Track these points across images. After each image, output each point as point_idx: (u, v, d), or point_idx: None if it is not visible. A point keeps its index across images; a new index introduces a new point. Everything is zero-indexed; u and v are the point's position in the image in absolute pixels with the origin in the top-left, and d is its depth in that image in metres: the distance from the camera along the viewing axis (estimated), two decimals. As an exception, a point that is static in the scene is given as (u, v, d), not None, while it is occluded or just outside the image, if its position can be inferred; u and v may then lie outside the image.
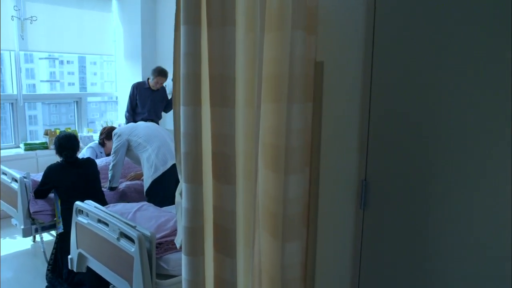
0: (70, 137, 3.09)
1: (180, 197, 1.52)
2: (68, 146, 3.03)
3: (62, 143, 3.03)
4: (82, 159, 3.14)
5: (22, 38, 3.79)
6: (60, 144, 3.04)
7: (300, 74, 1.51)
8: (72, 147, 3.06)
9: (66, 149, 3.02)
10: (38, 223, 3.18)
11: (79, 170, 3.04)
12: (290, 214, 1.56)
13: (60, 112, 5.69)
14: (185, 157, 1.38)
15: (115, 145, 3.36)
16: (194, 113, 1.35)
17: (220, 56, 1.35)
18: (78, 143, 3.14)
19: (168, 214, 2.50)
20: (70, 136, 3.10)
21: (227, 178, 1.39)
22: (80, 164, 3.08)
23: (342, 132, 1.59)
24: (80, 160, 3.12)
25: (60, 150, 3.05)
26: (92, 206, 2.45)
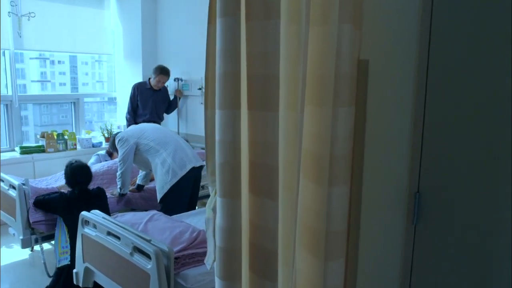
0: (84, 169, 2.89)
1: (212, 213, 1.35)
2: (82, 180, 2.85)
3: (76, 174, 2.83)
4: (94, 190, 2.91)
5: (19, 36, 3.58)
6: (74, 175, 2.83)
7: (346, 74, 1.35)
8: (86, 181, 2.88)
9: (80, 183, 2.83)
10: (38, 233, 2.97)
11: (89, 202, 2.82)
12: (333, 230, 1.39)
13: (51, 112, 5.49)
14: (221, 168, 1.21)
15: (122, 151, 3.14)
16: (233, 118, 1.18)
17: (262, 53, 1.18)
18: (91, 174, 2.94)
19: (182, 225, 2.32)
20: (83, 167, 2.90)
21: (268, 191, 1.22)
22: (91, 195, 2.87)
23: (390, 139, 1.43)
24: (91, 191, 2.90)
25: (72, 182, 2.84)
26: (100, 216, 2.26)
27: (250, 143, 1.22)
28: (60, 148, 4.57)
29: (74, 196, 2.81)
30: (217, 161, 1.22)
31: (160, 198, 3.09)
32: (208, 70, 1.27)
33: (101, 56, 5.38)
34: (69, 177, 2.84)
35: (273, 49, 1.18)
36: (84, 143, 4.78)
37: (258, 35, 1.18)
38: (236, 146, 1.19)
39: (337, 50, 1.30)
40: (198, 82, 4.51)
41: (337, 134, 1.35)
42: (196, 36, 4.58)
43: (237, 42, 1.17)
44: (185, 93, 4.77)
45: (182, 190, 3.08)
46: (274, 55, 1.18)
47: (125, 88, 5.17)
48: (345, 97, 1.35)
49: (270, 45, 1.18)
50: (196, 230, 2.24)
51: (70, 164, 2.89)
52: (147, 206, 3.50)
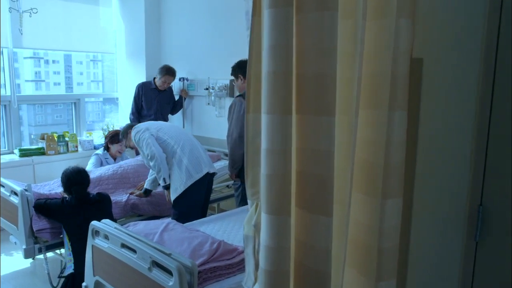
0: (79, 172, 2.74)
1: (253, 230, 1.20)
2: (78, 181, 2.69)
3: (71, 179, 2.68)
4: (95, 196, 2.76)
5: (21, 33, 3.41)
6: (69, 179, 2.69)
7: (402, 74, 1.21)
8: (81, 182, 2.72)
9: (75, 184, 2.67)
10: (42, 241, 2.81)
11: (91, 209, 2.67)
12: (385, 247, 1.25)
13: (46, 112, 5.33)
14: (269, 181, 1.06)
15: (145, 141, 2.89)
16: (283, 124, 1.04)
17: (317, 50, 1.03)
18: (88, 177, 2.79)
19: (199, 235, 2.17)
20: (79, 170, 2.75)
21: (321, 206, 1.08)
22: (92, 201, 2.72)
23: (448, 146, 1.29)
24: (92, 197, 2.74)
25: (68, 186, 2.69)
26: (112, 227, 2.10)
27: (300, 152, 1.08)
28: (61, 151, 4.40)
29: (74, 202, 2.67)
30: (264, 172, 1.07)
31: (174, 201, 2.92)
32: (251, 68, 1.12)
33: (96, 55, 5.21)
34: (65, 183, 2.70)
35: (329, 45, 1.04)
36: (86, 145, 4.61)
37: (312, 29, 1.04)
38: (287, 156, 1.05)
39: (394, 47, 1.16)
40: (204, 82, 4.36)
41: (392, 140, 1.21)
42: (202, 34, 4.43)
43: (290, 36, 1.02)
44: (191, 93, 4.61)
45: (196, 195, 2.93)
46: (330, 51, 1.04)
47: (127, 88, 5.00)
48: (400, 100, 1.21)
49: (325, 40, 1.03)
50: (216, 241, 2.09)
51: (65, 171, 2.74)
52: (155, 211, 3.35)
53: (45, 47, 4.54)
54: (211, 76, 4.28)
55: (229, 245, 2.11)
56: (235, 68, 3.22)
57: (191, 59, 4.57)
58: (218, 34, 4.26)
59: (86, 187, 2.73)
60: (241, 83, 3.20)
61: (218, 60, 4.28)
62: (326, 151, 1.06)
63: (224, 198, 3.97)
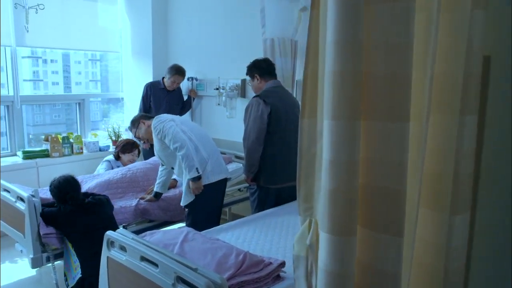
0: (68, 180, 2.62)
1: (306, 250, 1.06)
2: (68, 189, 2.58)
3: (62, 188, 2.57)
4: (92, 201, 2.62)
5: (27, 31, 3.26)
6: (60, 190, 2.58)
7: (474, 73, 1.07)
8: (73, 188, 2.61)
9: (68, 192, 2.56)
10: (50, 249, 2.66)
11: (90, 215, 2.56)
12: (452, 268, 1.12)
13: (44, 112, 5.20)
14: (333, 196, 0.92)
15: (171, 130, 2.68)
16: (351, 131, 0.90)
17: (389, 46, 0.89)
18: (78, 183, 2.67)
19: (223, 245, 2.03)
20: (67, 178, 2.63)
21: (391, 226, 0.94)
22: (90, 207, 2.59)
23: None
24: (90, 202, 2.61)
25: (62, 196, 2.57)
26: (129, 237, 1.96)
27: (366, 162, 0.94)
28: (66, 153, 4.25)
29: (71, 209, 2.54)
30: (326, 186, 0.93)
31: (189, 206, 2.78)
32: (308, 67, 0.98)
33: (95, 54, 5.07)
34: (58, 195, 2.58)
35: (404, 40, 0.90)
36: (91, 147, 4.46)
37: (382, 22, 0.90)
38: (354, 168, 0.91)
39: (467, 43, 1.02)
40: (214, 82, 4.21)
41: (462, 148, 1.07)
42: (212, 32, 4.28)
43: (360, 30, 0.88)
44: (200, 93, 4.47)
45: (212, 200, 2.80)
46: (404, 48, 0.90)
47: (133, 87, 4.86)
48: (472, 103, 1.08)
49: (401, 35, 0.89)
50: (241, 252, 1.95)
51: (53, 183, 2.62)
52: (166, 217, 3.21)
53: (50, 45, 4.40)
54: (222, 75, 4.13)
55: (255, 256, 1.98)
56: (251, 67, 3.08)
57: (201, 58, 4.42)
58: (229, 32, 4.12)
59: (80, 192, 2.62)
60: (257, 83, 3.06)
61: (229, 59, 4.14)
62: (399, 162, 0.92)
63: (236, 202, 3.83)
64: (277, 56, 3.35)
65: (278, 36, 3.36)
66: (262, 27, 3.43)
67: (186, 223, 2.90)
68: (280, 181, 2.99)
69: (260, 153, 2.90)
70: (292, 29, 3.45)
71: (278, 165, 2.95)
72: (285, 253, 2.26)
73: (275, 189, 2.99)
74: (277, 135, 2.92)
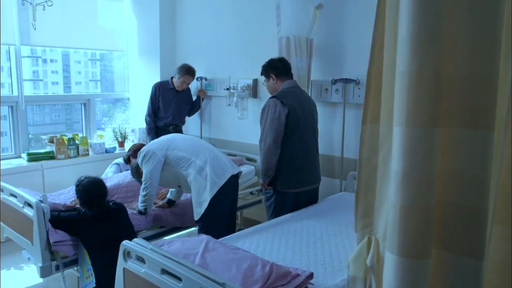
0: (97, 183, 2.53)
1: (361, 271, 0.95)
2: (97, 194, 2.48)
3: (89, 191, 2.46)
4: (114, 207, 2.54)
5: (34, 28, 3.14)
6: (88, 192, 2.47)
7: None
8: (101, 194, 2.51)
9: (96, 197, 2.46)
10: (60, 257, 2.54)
11: (110, 222, 2.47)
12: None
13: (44, 112, 5.11)
14: (405, 214, 0.81)
15: (148, 168, 2.69)
16: (429, 140, 0.78)
17: (473, 43, 0.78)
18: (106, 188, 2.58)
19: (247, 256, 1.91)
20: (96, 181, 2.54)
21: (471, 247, 0.82)
22: (111, 213, 2.50)
23: None
24: (113, 209, 2.52)
25: (88, 200, 2.47)
26: (147, 248, 1.84)
27: (444, 176, 0.82)
28: (72, 155, 4.12)
29: (92, 215, 2.43)
30: (396, 202, 0.82)
31: (201, 215, 2.66)
32: (373, 67, 0.86)
33: (94, 54, 4.96)
34: (84, 197, 2.47)
35: (489, 36, 0.78)
36: (97, 149, 4.33)
37: (465, 15, 0.78)
38: (432, 183, 0.79)
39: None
40: (224, 81, 4.09)
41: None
42: (222, 30, 4.16)
43: (439, 24, 0.76)
44: (209, 93, 4.35)
45: (221, 206, 2.68)
46: (491, 45, 0.78)
47: (140, 87, 4.74)
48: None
49: (485, 29, 0.78)
50: (267, 263, 1.83)
51: (81, 182, 2.51)
52: (178, 222, 3.10)
53: (56, 44, 4.28)
54: (232, 75, 4.01)
55: (281, 267, 1.86)
56: (266, 67, 2.96)
57: (210, 57, 4.30)
58: (240, 30, 4.00)
59: (106, 198, 2.52)
60: (273, 83, 2.94)
61: (240, 58, 4.02)
62: (481, 177, 0.80)
63: (247, 205, 3.72)
64: (293, 55, 3.23)
65: (294, 35, 3.24)
66: (277, 25, 3.31)
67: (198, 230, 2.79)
68: (297, 185, 2.87)
69: (278, 157, 2.78)
70: (307, 27, 3.33)
71: (295, 169, 2.83)
72: (309, 262, 2.14)
73: (292, 194, 2.88)
74: (295, 137, 2.80)
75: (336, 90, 3.36)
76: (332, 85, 3.37)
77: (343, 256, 2.21)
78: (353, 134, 3.35)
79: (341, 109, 3.37)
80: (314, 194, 3.07)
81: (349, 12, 3.25)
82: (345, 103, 3.31)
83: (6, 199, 2.79)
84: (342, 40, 3.31)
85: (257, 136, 4.01)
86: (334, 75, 3.35)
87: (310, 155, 2.91)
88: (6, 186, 2.79)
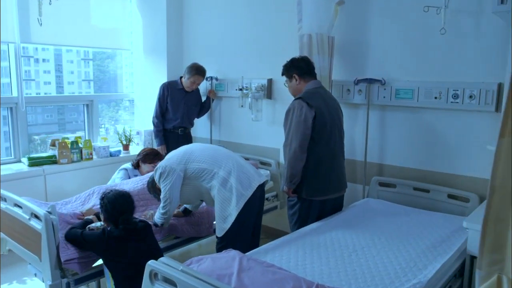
0: (124, 196, 2.29)
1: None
2: (125, 209, 2.24)
3: (117, 206, 2.22)
4: (141, 225, 2.30)
5: (40, 24, 2.92)
6: (114, 207, 2.21)
7: None
8: (129, 209, 2.27)
9: (123, 213, 2.22)
10: (70, 274, 2.33)
11: (138, 242, 2.23)
12: None
13: (36, 112, 4.90)
14: None
15: (167, 186, 2.46)
16: None
17: None
18: (134, 203, 2.33)
19: (288, 276, 1.73)
20: (123, 194, 2.31)
21: None
22: (138, 232, 2.26)
23: None
24: (141, 227, 2.28)
25: (114, 216, 2.22)
26: (177, 269, 1.64)
27: None
28: (75, 159, 3.90)
29: (119, 235, 2.19)
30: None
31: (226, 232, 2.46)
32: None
33: (87, 54, 4.75)
34: (111, 213, 2.22)
35: None
36: (101, 152, 4.12)
37: None
38: None
39: None
40: (236, 81, 3.90)
41: None
42: (233, 28, 3.97)
43: None
44: (219, 94, 4.15)
45: (248, 218, 2.49)
46: None
47: (145, 88, 4.53)
48: None
49: None
50: (312, 285, 1.65)
51: (106, 195, 2.28)
52: (194, 232, 2.90)
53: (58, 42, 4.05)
54: (245, 75, 3.82)
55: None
56: (288, 66, 2.77)
57: (221, 56, 4.10)
58: (255, 27, 3.80)
59: (132, 215, 2.28)
60: (296, 84, 2.76)
61: (254, 57, 3.83)
62: None
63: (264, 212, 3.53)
64: (315, 54, 3.05)
65: (316, 32, 3.06)
66: (298, 22, 3.13)
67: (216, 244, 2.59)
68: (324, 193, 2.69)
69: (304, 162, 2.60)
70: (328, 24, 3.15)
71: (322, 175, 2.65)
72: (348, 279, 1.96)
73: (318, 202, 2.69)
74: (322, 142, 2.62)
75: (359, 90, 3.19)
76: (354, 86, 3.20)
77: (383, 271, 2.03)
78: (377, 137, 3.18)
79: (363, 111, 3.20)
80: (340, 202, 2.89)
81: (373, 7, 3.08)
82: (369, 104, 3.13)
83: (9, 210, 2.57)
84: (365, 38, 3.14)
85: (272, 139, 3.85)
86: (356, 75, 3.18)
87: (337, 160, 2.73)
88: (10, 195, 2.58)
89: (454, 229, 2.52)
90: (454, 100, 2.77)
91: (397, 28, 2.98)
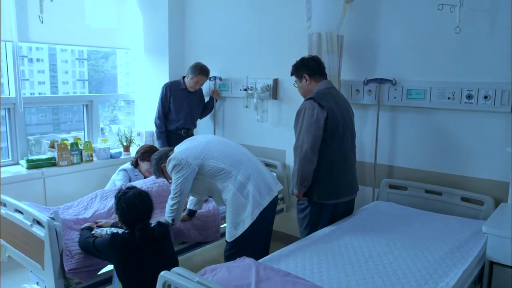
0: (143, 200, 2.10)
1: None
2: (144, 215, 2.08)
3: (132, 210, 2.04)
4: (159, 231, 2.14)
5: (41, 22, 2.81)
6: (131, 212, 2.04)
7: None
8: (148, 214, 2.12)
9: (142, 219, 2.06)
10: (74, 283, 2.23)
11: (154, 252, 2.08)
12: None
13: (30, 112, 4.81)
14: None
15: (179, 178, 2.33)
16: None
17: None
18: (152, 205, 2.16)
19: (308, 286, 1.64)
20: (143, 198, 2.11)
21: None
22: (156, 239, 2.10)
23: None
24: (156, 232, 2.12)
25: (131, 222, 2.04)
26: (193, 281, 1.55)
27: None
28: (75, 161, 3.79)
29: (135, 244, 2.03)
30: None
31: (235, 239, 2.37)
32: None
33: (82, 53, 4.65)
34: (126, 214, 2.06)
35: None
36: (101, 154, 4.01)
37: None
38: None
39: None
40: (240, 81, 3.81)
41: None
42: (237, 26, 3.87)
43: None
44: (223, 94, 4.06)
45: (260, 225, 2.40)
46: None
47: (146, 88, 4.43)
48: None
49: None
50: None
51: (124, 194, 2.10)
52: (201, 237, 2.82)
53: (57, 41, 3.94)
54: (250, 75, 3.73)
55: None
56: (299, 66, 2.68)
57: (224, 55, 4.01)
58: (260, 25, 3.71)
59: (151, 218, 2.16)
60: (306, 84, 2.67)
61: (259, 57, 3.74)
62: None
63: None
64: (324, 53, 2.97)
65: (326, 31, 2.97)
66: (308, 20, 3.04)
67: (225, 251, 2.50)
68: (336, 196, 2.61)
69: (315, 165, 2.51)
70: (337, 23, 3.07)
71: (334, 178, 2.57)
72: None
73: (330, 205, 2.61)
74: (335, 144, 2.54)
75: (369, 91, 3.11)
76: (364, 86, 3.12)
77: (403, 279, 1.96)
78: (387, 139, 3.11)
79: (373, 112, 3.12)
80: (351, 205, 2.81)
81: (383, 5, 3.01)
82: (379, 105, 3.06)
83: (10, 215, 2.47)
84: (375, 37, 3.06)
85: (278, 140, 3.76)
86: (366, 75, 3.10)
87: (349, 163, 2.65)
88: (10, 200, 2.47)
89: (470, 233, 2.45)
90: (468, 101, 2.70)
91: (409, 26, 2.91)
